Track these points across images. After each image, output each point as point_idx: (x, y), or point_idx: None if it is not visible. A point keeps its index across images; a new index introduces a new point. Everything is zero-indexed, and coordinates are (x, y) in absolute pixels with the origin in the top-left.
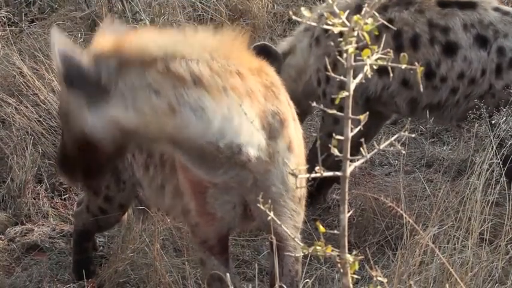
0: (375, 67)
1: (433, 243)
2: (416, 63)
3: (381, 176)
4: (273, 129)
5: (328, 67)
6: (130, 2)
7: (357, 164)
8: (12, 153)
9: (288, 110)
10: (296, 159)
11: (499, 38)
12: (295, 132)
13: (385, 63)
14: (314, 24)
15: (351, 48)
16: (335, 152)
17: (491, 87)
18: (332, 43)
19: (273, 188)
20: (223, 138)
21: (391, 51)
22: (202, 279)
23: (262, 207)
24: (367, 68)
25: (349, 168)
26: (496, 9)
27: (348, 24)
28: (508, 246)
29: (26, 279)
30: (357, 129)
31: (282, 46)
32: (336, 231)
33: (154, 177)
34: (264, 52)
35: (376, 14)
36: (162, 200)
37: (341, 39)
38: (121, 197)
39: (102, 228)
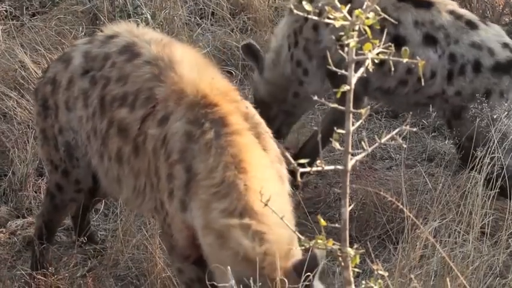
0: (376, 61)
1: (434, 237)
2: (418, 58)
3: (382, 170)
4: None
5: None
6: None
7: (358, 157)
8: (14, 146)
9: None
10: None
11: (451, 44)
12: None
13: (386, 57)
14: (315, 18)
15: (352, 42)
16: (336, 145)
17: (444, 92)
18: (333, 37)
19: None
20: None
21: (392, 45)
22: (181, 283)
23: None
24: (368, 62)
25: (350, 162)
26: (451, 12)
27: (349, 18)
28: (509, 240)
29: (26, 272)
30: (358, 124)
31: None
32: (337, 225)
33: (109, 168)
34: (249, 51)
35: (378, 8)
36: (119, 192)
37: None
38: (77, 173)
39: (57, 209)
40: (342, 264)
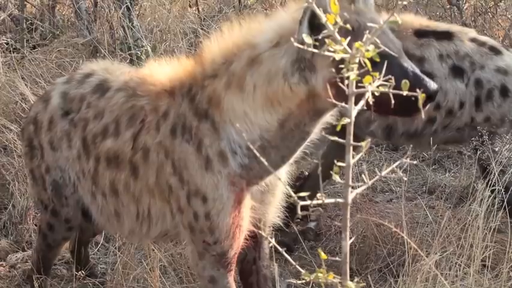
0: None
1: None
2: (418, 90)
3: (383, 202)
4: None
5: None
6: (131, 29)
7: (359, 190)
8: (14, 179)
9: None
10: None
11: (476, 70)
12: None
13: (386, 89)
14: (315, 51)
15: (352, 75)
16: (336, 178)
17: (472, 119)
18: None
19: (279, 192)
20: None
21: (393, 78)
22: None
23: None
24: (368, 95)
25: (351, 194)
26: (473, 39)
27: (349, 50)
28: (510, 273)
29: None
30: (358, 157)
31: None
32: (337, 258)
33: (103, 206)
34: None
35: (378, 41)
36: (120, 227)
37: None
38: (66, 212)
39: (51, 247)
40: None
